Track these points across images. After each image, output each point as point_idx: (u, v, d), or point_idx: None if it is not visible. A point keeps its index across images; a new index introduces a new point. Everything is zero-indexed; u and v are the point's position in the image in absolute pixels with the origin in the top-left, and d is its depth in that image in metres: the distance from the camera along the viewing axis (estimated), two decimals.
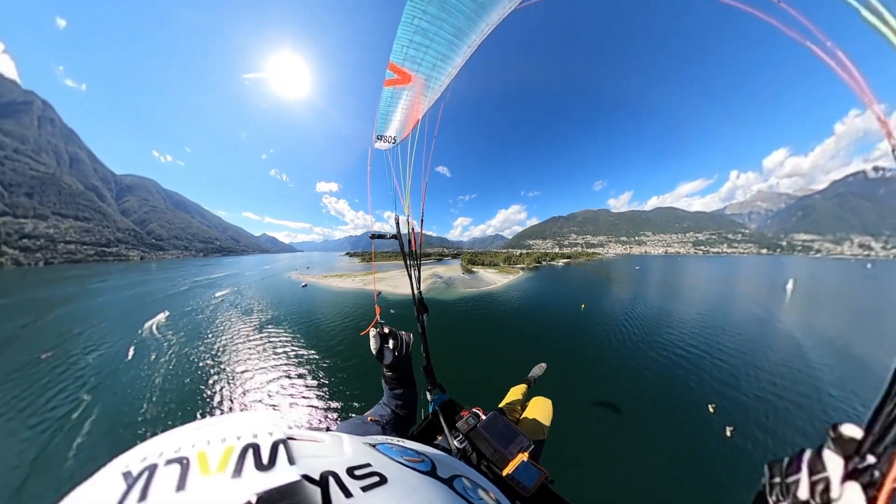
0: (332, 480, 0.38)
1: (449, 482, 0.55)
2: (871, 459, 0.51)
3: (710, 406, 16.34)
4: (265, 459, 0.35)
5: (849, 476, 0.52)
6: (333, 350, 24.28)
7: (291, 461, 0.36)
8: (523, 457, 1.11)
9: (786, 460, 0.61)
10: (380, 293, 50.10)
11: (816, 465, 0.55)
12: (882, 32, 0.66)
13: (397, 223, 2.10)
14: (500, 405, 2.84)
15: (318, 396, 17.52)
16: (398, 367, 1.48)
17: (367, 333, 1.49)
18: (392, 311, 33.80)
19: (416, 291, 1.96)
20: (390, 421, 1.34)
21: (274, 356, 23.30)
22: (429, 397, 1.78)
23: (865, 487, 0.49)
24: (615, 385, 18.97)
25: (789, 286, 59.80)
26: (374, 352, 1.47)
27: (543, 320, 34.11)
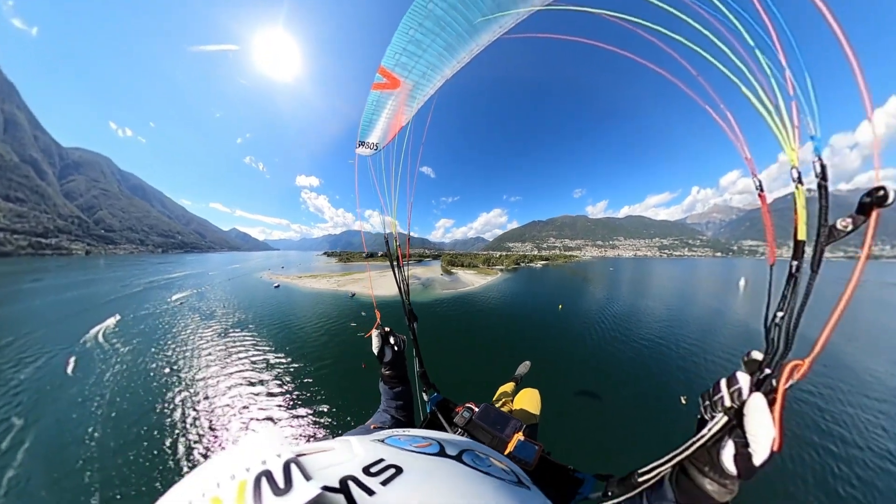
0: (351, 484, 0.39)
1: (458, 458, 0.60)
2: (767, 371, 0.71)
3: (682, 398, 17.26)
4: (281, 483, 0.34)
5: (756, 387, 0.69)
6: (310, 354, 23.67)
7: (307, 477, 0.36)
8: (519, 436, 1.24)
9: (711, 388, 0.76)
10: (353, 294, 49.24)
11: (732, 382, 0.72)
12: (758, 109, 0.80)
13: (386, 241, 2.19)
14: (492, 400, 2.97)
15: (299, 405, 16.83)
16: (397, 363, 1.70)
17: (370, 336, 1.69)
18: (363, 313, 33.40)
19: (406, 303, 2.06)
20: (392, 427, 1.42)
21: (243, 364, 22.16)
22: (425, 398, 1.88)
23: (766, 394, 0.67)
24: (594, 380, 20.16)
25: (742, 283, 67.86)
26: (375, 351, 1.67)
27: (522, 320, 35.15)
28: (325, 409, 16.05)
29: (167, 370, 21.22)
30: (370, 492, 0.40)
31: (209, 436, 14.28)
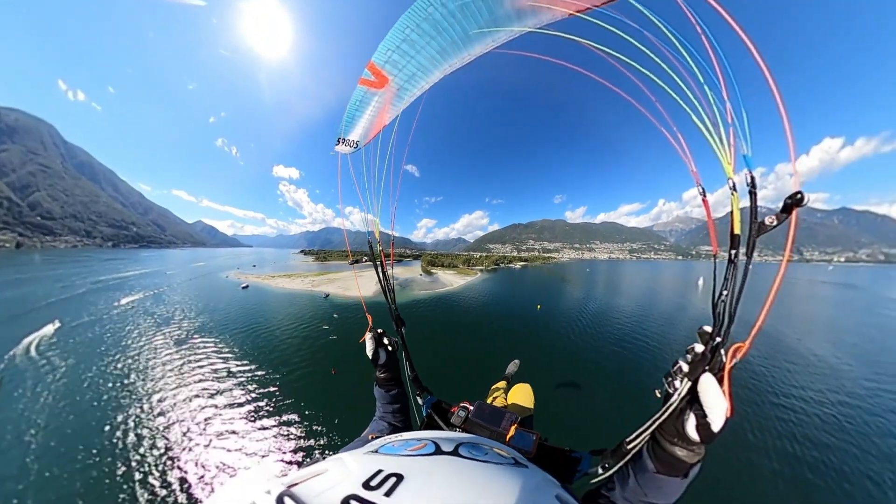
0: (354, 503, 0.38)
1: (455, 452, 0.61)
2: (718, 339, 0.87)
3: (657, 391, 18.53)
4: None
5: (706, 366, 0.85)
6: (278, 360, 22.52)
7: None
8: (515, 427, 1.30)
9: (673, 369, 0.94)
10: (327, 295, 47.74)
11: (689, 353, 0.91)
12: (703, 133, 1.03)
13: (370, 247, 2.14)
14: (485, 400, 3.10)
15: (265, 416, 15.72)
16: (392, 365, 1.74)
17: (363, 341, 1.71)
18: (335, 315, 32.41)
19: (392, 308, 2.04)
20: (390, 434, 1.44)
21: (204, 375, 20.55)
22: (420, 401, 1.88)
23: (716, 373, 0.82)
24: (577, 370, 21.14)
25: (700, 282, 78.08)
26: (370, 354, 1.68)
27: (502, 319, 35.77)
28: (296, 419, 15.40)
29: (116, 386, 19.24)
30: None
31: (168, 460, 13.10)
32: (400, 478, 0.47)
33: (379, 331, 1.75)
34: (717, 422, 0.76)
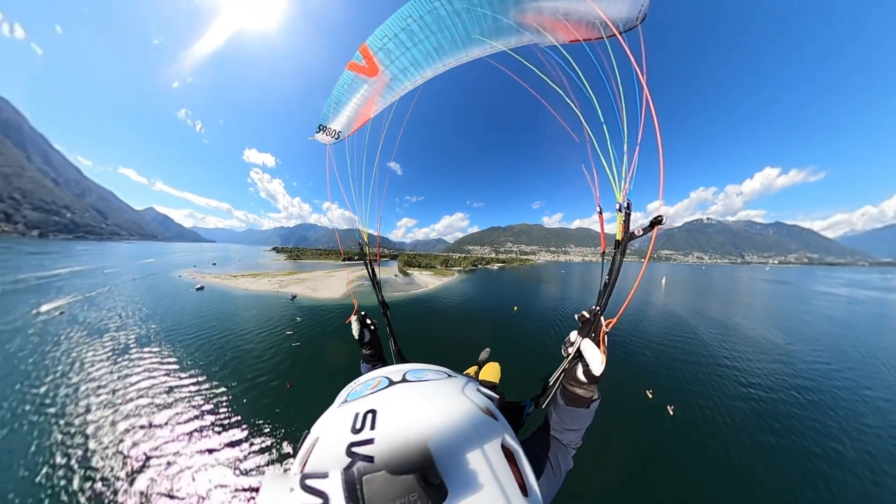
0: (355, 448, 0.47)
1: (403, 380, 0.76)
2: (593, 323, 1.25)
3: (648, 392, 18.21)
4: (318, 500, 0.38)
5: (586, 335, 1.23)
6: (233, 373, 20.25)
7: (324, 475, 0.40)
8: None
9: (566, 337, 1.30)
10: (294, 297, 44.73)
11: (575, 335, 1.28)
12: (606, 169, 1.45)
13: (360, 246, 2.33)
14: None
15: (218, 439, 13.90)
16: (375, 343, 1.94)
17: (350, 322, 1.88)
18: (298, 318, 30.15)
19: (379, 295, 2.31)
20: None
21: (143, 392, 17.87)
22: None
23: (594, 338, 1.22)
24: (551, 366, 21.58)
25: (663, 281, 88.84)
26: (356, 335, 1.88)
27: (478, 322, 35.41)
28: (244, 438, 13.86)
29: (32, 410, 16.08)
30: (370, 441, 0.48)
31: (100, 489, 11.29)
32: (374, 412, 0.58)
33: (363, 313, 1.94)
34: (596, 368, 1.13)
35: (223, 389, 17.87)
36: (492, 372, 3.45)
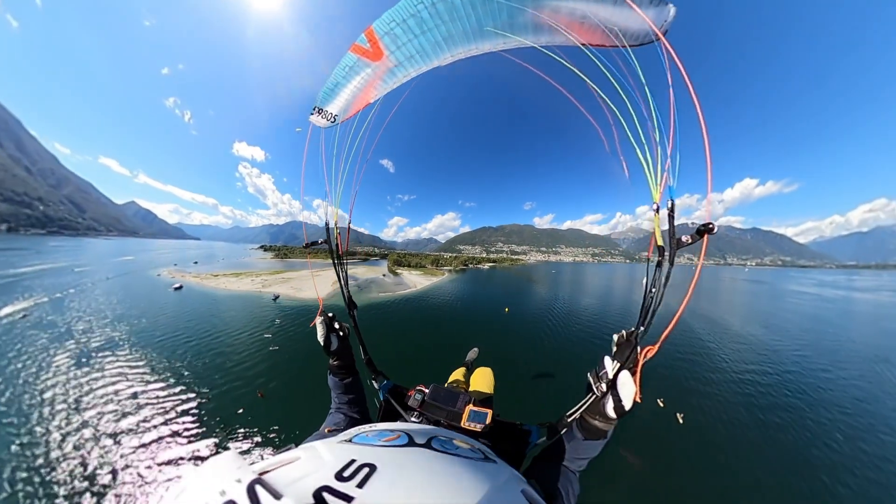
0: (327, 496, 0.37)
1: (428, 445, 0.61)
2: (636, 348, 1.10)
3: (659, 400, 17.05)
4: None
5: (621, 367, 1.09)
6: (206, 380, 19.09)
7: (277, 496, 0.34)
8: (470, 407, 1.38)
9: (597, 366, 1.20)
10: (276, 297, 43.37)
11: (609, 363, 1.16)
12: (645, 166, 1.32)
13: (327, 227, 2.08)
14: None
15: (183, 451, 13.17)
16: (345, 352, 1.71)
17: (314, 325, 1.66)
18: (277, 320, 29.03)
19: (345, 291, 2.06)
20: (347, 427, 1.34)
21: (107, 400, 16.74)
22: (375, 386, 1.86)
23: (630, 369, 1.08)
24: (541, 362, 21.63)
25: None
26: (321, 340, 1.63)
27: (467, 324, 34.75)
28: (211, 453, 12.94)
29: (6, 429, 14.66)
30: (348, 498, 0.38)
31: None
32: (373, 468, 0.46)
33: (330, 315, 1.71)
34: (628, 404, 1.05)
35: (191, 395, 16.84)
36: (483, 379, 3.01)
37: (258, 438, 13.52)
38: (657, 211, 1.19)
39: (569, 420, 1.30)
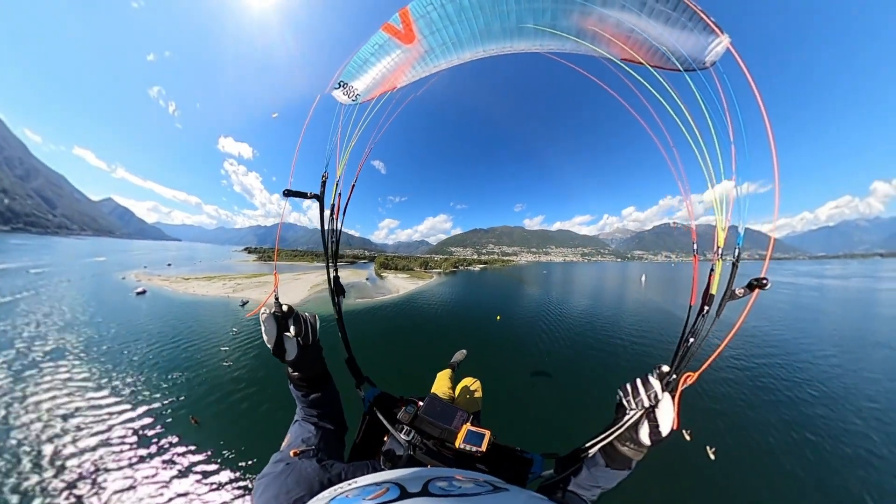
0: None
1: (425, 492, 0.52)
2: (672, 377, 1.03)
3: (710, 451, 12.46)
4: None
5: (664, 388, 1.01)
6: (143, 399, 16.87)
7: None
8: (467, 426, 1.26)
9: (629, 385, 1.07)
10: (245, 302, 40.36)
11: (647, 385, 1.03)
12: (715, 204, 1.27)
13: (323, 183, 1.73)
14: (432, 391, 2.96)
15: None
16: (307, 361, 1.19)
17: (257, 315, 1.11)
18: (234, 329, 26.64)
19: (332, 272, 1.69)
20: (320, 444, 1.10)
21: (48, 416, 15.00)
22: (361, 394, 1.60)
23: (671, 393, 0.99)
24: (525, 372, 20.28)
25: (643, 278, 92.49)
26: (268, 344, 1.11)
27: (451, 328, 32.61)
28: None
29: None
30: None
31: None
32: None
33: (284, 307, 1.14)
34: (665, 431, 0.96)
35: (127, 418, 14.80)
36: (471, 390, 2.80)
37: (188, 477, 11.43)
38: (719, 257, 1.15)
39: (585, 453, 1.16)
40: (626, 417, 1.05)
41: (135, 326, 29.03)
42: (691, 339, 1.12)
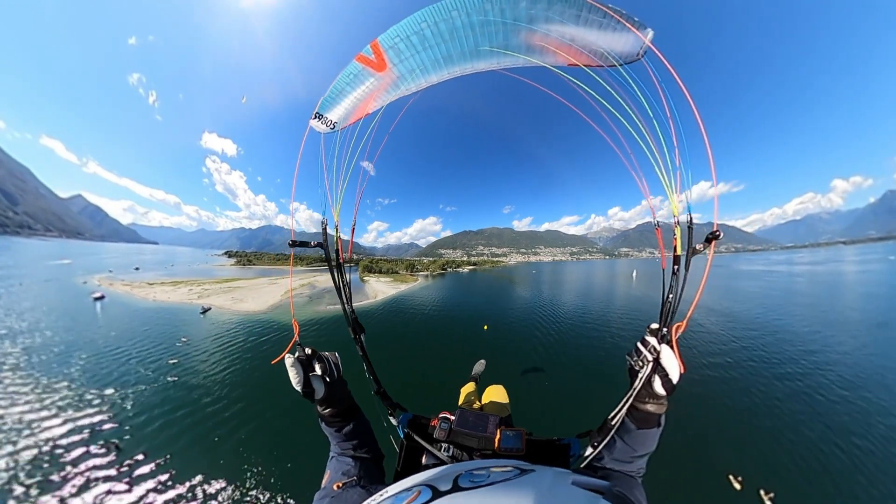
0: None
1: (455, 488, 0.54)
2: (664, 331, 1.15)
3: (736, 483, 10.46)
4: None
5: (661, 342, 1.12)
6: (68, 418, 15.32)
7: None
8: (502, 429, 1.32)
9: (633, 349, 1.18)
10: (206, 310, 37.73)
11: (646, 343, 1.15)
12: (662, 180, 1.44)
13: (324, 229, 1.83)
14: (459, 404, 3.00)
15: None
16: (335, 397, 1.29)
17: (283, 360, 1.16)
18: (183, 339, 24.98)
19: (349, 310, 1.77)
20: (360, 473, 1.21)
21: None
22: (393, 422, 1.69)
23: (668, 344, 1.09)
24: (536, 368, 20.22)
25: (634, 274, 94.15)
26: (297, 387, 1.15)
27: (437, 336, 29.31)
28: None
29: None
30: None
31: None
32: None
33: (307, 351, 1.25)
34: (675, 377, 1.04)
35: (49, 436, 13.46)
36: (498, 396, 2.78)
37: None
38: (677, 224, 1.33)
39: (613, 422, 1.22)
40: (639, 376, 1.14)
41: (81, 335, 26.99)
42: (670, 296, 1.27)
